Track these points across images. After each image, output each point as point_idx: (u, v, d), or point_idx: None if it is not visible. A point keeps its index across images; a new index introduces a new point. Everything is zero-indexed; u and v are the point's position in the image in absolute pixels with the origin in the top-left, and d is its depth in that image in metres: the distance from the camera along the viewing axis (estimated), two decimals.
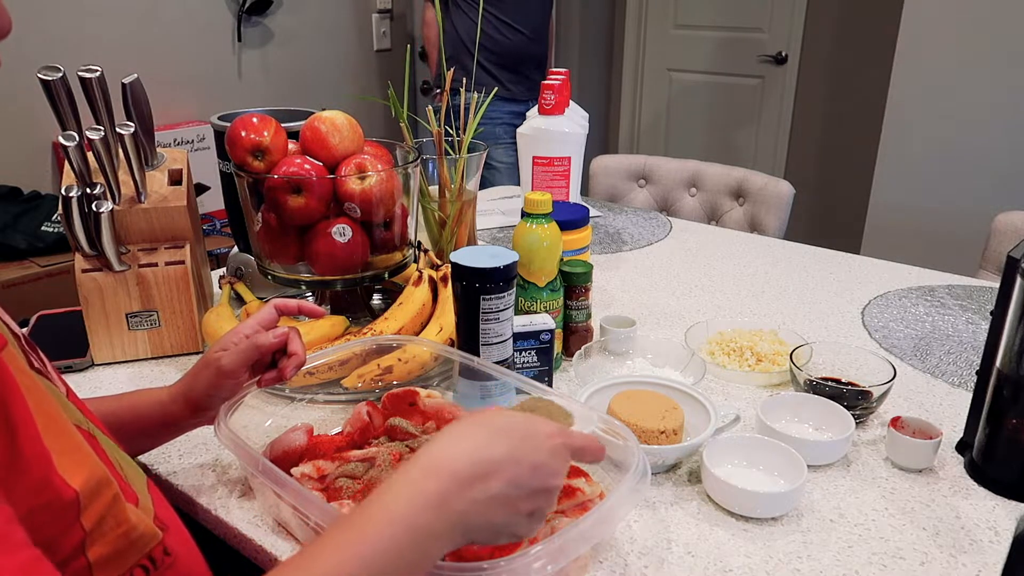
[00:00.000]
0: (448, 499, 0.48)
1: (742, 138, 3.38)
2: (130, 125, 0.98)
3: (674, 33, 3.44)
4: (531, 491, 0.51)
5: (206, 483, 0.81)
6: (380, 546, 0.46)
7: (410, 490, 0.49)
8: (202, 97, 2.67)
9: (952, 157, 2.25)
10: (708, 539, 0.73)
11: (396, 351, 0.94)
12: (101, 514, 0.52)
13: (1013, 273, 0.78)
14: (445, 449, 0.51)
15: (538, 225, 1.01)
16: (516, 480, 0.50)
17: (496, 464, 0.50)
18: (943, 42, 2.19)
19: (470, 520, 0.49)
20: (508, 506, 0.50)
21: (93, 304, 1.02)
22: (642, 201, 2.06)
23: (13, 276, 1.96)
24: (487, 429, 0.52)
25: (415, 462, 0.50)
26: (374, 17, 3.22)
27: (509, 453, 0.51)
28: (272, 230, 1.01)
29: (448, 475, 0.49)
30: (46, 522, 0.47)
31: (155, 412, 0.76)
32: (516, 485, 0.50)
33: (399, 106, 1.15)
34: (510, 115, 2.52)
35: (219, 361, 0.73)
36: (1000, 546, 0.72)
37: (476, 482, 0.49)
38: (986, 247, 1.61)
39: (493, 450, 0.51)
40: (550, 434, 0.53)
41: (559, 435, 0.54)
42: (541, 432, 0.53)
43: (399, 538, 0.47)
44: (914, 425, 0.85)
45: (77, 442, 0.53)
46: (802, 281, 1.37)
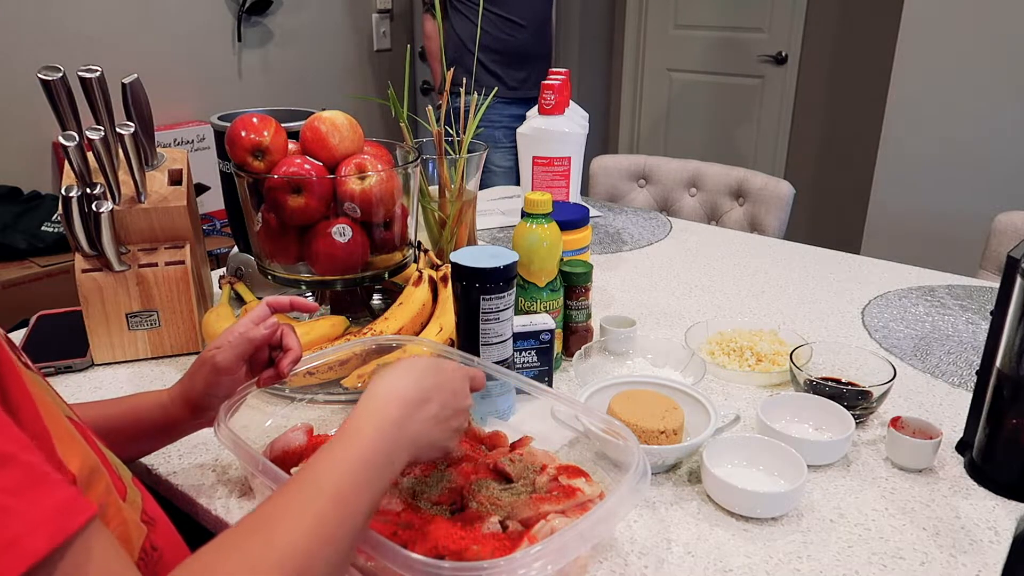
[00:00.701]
0: (404, 420, 0.60)
1: (742, 138, 3.38)
2: (130, 125, 0.98)
3: (674, 33, 3.44)
4: (454, 410, 0.65)
5: (206, 483, 0.81)
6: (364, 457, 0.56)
7: (377, 417, 0.59)
8: (202, 97, 2.67)
9: (952, 157, 2.25)
10: (708, 539, 0.73)
11: (396, 351, 0.94)
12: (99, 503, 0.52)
13: (1013, 273, 0.78)
14: (395, 382, 0.62)
15: (538, 225, 1.01)
16: (445, 402, 0.64)
17: (432, 390, 0.63)
18: (943, 42, 2.19)
19: (419, 438, 0.61)
20: (441, 424, 0.63)
21: (93, 304, 1.02)
22: (642, 201, 2.06)
23: (13, 276, 1.96)
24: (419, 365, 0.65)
25: (372, 394, 0.61)
26: (374, 17, 3.22)
27: (437, 382, 0.64)
28: (272, 230, 1.01)
29: (402, 401, 0.61)
30: None
31: (155, 415, 0.76)
32: (445, 406, 0.64)
33: (399, 106, 1.15)
34: (510, 118, 2.51)
35: (214, 359, 0.73)
36: (1000, 546, 0.72)
37: (422, 405, 0.62)
38: (986, 247, 1.61)
39: (428, 380, 0.64)
40: (455, 367, 0.68)
41: (460, 369, 0.69)
42: (448, 366, 0.68)
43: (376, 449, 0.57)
44: (914, 425, 0.85)
45: (70, 430, 0.53)
46: (802, 281, 1.37)
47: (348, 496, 0.53)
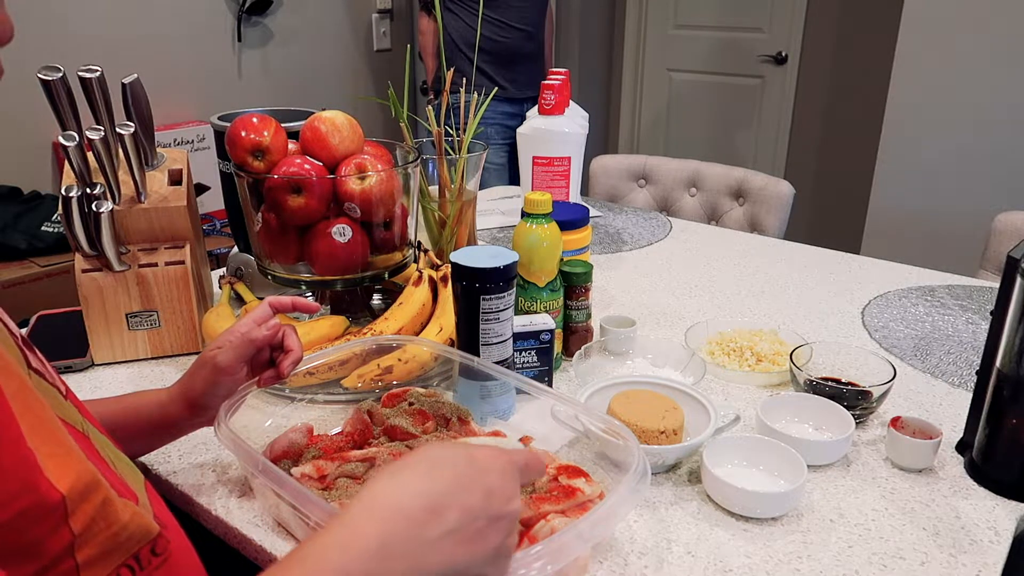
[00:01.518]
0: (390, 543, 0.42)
1: (742, 138, 3.38)
2: (130, 125, 0.98)
3: (674, 33, 3.44)
4: (489, 520, 0.45)
5: (206, 483, 0.81)
6: None
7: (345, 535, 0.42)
8: (202, 97, 2.68)
9: (952, 157, 2.25)
10: (708, 539, 0.73)
11: (396, 351, 0.94)
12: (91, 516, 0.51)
13: (1013, 273, 0.78)
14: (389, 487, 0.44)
15: (538, 225, 1.01)
16: (470, 510, 0.44)
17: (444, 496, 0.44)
18: (943, 42, 2.19)
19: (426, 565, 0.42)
20: (467, 543, 0.44)
21: (93, 304, 1.02)
22: (642, 201, 2.06)
23: (13, 276, 1.96)
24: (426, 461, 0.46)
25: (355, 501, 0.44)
26: (374, 17, 3.22)
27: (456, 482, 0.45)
28: (272, 230, 1.01)
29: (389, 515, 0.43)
30: (30, 525, 0.46)
31: (155, 413, 0.76)
32: (471, 516, 0.44)
33: (399, 106, 1.15)
34: (503, 115, 2.52)
35: (215, 359, 0.73)
36: (1000, 546, 0.72)
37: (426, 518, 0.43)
38: (986, 247, 1.61)
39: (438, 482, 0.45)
40: (493, 455, 0.48)
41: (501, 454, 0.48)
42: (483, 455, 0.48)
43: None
44: (914, 425, 0.85)
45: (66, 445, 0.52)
46: (802, 281, 1.37)
47: None
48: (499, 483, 0.46)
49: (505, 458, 0.48)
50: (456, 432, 0.80)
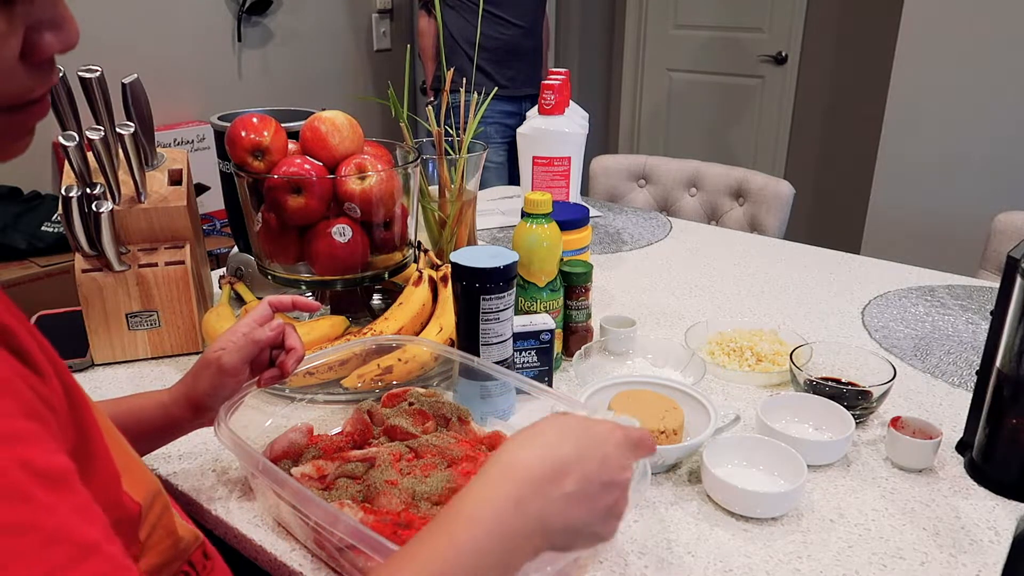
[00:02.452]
0: (524, 500, 0.49)
1: (742, 138, 3.38)
2: (130, 125, 0.98)
3: (674, 33, 3.44)
4: (602, 485, 0.52)
5: (206, 483, 0.81)
6: (465, 548, 0.47)
7: (490, 492, 0.49)
8: (202, 97, 2.67)
9: (952, 157, 2.25)
10: (708, 539, 0.73)
11: (396, 351, 0.94)
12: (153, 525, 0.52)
13: (1013, 273, 0.78)
14: (517, 452, 0.52)
15: (538, 225, 1.01)
16: (587, 476, 0.51)
17: (566, 463, 0.51)
18: (943, 42, 2.19)
19: (549, 521, 0.50)
20: (583, 504, 0.51)
21: (93, 304, 1.02)
22: (642, 201, 2.06)
23: (13, 276, 1.96)
24: (553, 431, 0.53)
25: (492, 465, 0.51)
26: (374, 17, 3.22)
27: (576, 451, 0.52)
28: (272, 230, 1.01)
29: (522, 477, 0.50)
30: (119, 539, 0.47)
31: (156, 415, 0.75)
32: (588, 481, 0.51)
33: (399, 106, 1.15)
34: (502, 114, 2.52)
35: (219, 360, 0.73)
36: (1000, 546, 0.72)
37: (550, 482, 0.50)
38: (986, 247, 1.61)
39: (562, 449, 0.51)
40: (610, 429, 0.55)
41: (618, 429, 0.55)
42: (601, 428, 0.54)
43: (481, 540, 0.47)
44: (914, 425, 0.85)
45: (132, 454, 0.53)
46: (802, 281, 1.37)
47: None
48: (614, 453, 0.53)
49: (621, 432, 0.54)
50: (456, 432, 0.80)
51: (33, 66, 0.40)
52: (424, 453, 0.75)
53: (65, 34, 0.41)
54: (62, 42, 0.41)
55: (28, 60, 0.40)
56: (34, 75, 0.41)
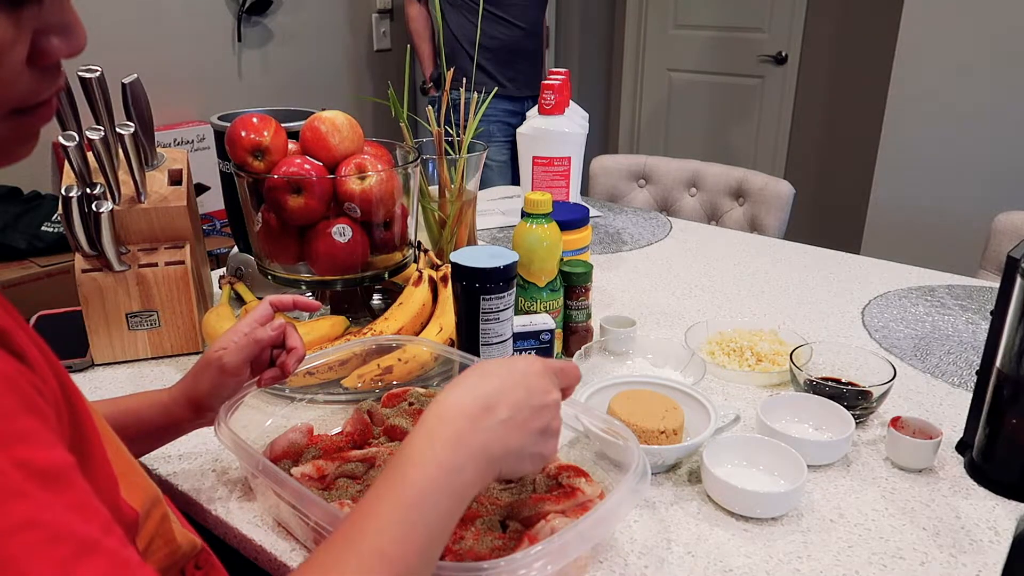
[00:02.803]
0: (462, 435, 0.52)
1: (742, 138, 3.38)
2: (130, 125, 0.98)
3: (674, 33, 3.44)
4: (533, 409, 0.56)
5: (206, 483, 0.81)
6: (416, 488, 0.50)
7: (429, 437, 0.52)
8: (202, 97, 2.67)
9: (952, 157, 2.25)
10: (708, 539, 0.73)
11: (396, 351, 0.94)
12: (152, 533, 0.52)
13: (1013, 273, 0.78)
14: (448, 397, 0.55)
15: (538, 225, 1.01)
16: (516, 403, 0.55)
17: (495, 395, 0.55)
18: (943, 42, 2.19)
19: (490, 449, 0.53)
20: (518, 428, 0.55)
21: (93, 304, 1.02)
22: (642, 201, 2.06)
23: (13, 276, 1.96)
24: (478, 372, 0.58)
25: (428, 414, 0.54)
26: (374, 17, 3.22)
27: (502, 383, 0.56)
28: (272, 230, 1.01)
29: (456, 415, 0.53)
30: None
31: (156, 415, 0.75)
32: (518, 407, 0.55)
33: (399, 106, 1.15)
34: (504, 113, 2.52)
35: (221, 360, 0.73)
36: (1000, 546, 0.72)
37: (483, 414, 0.54)
38: (986, 247, 1.61)
39: (488, 386, 0.56)
40: (530, 362, 0.59)
41: (538, 361, 0.60)
42: (521, 363, 0.59)
43: (431, 479, 0.50)
44: (914, 425, 0.85)
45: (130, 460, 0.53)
46: (802, 281, 1.37)
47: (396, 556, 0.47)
48: (536, 381, 0.58)
49: (541, 362, 0.60)
50: None
51: (40, 70, 0.40)
52: None
53: (73, 39, 0.41)
54: (70, 47, 0.41)
55: (35, 64, 0.40)
56: (40, 79, 0.41)
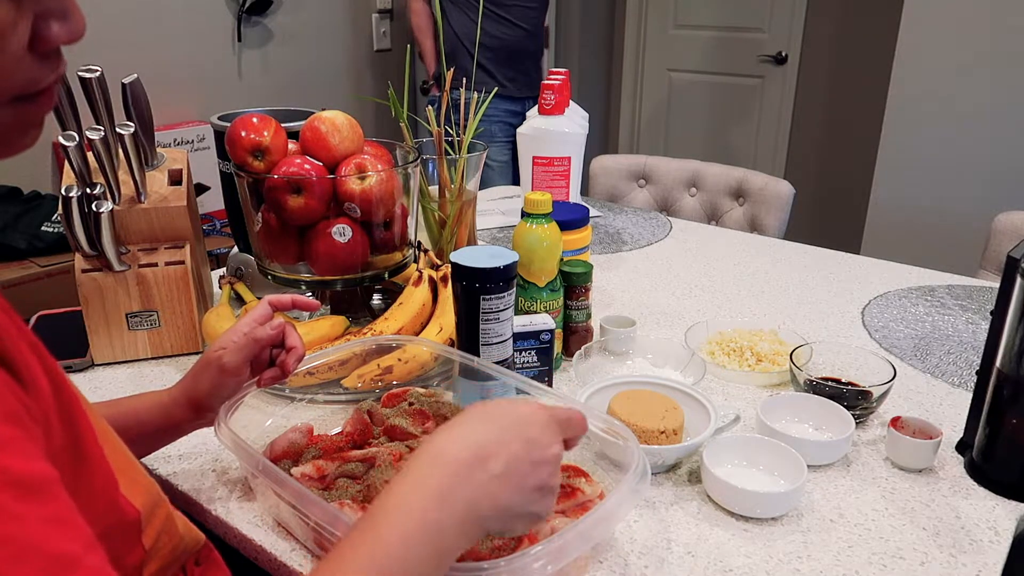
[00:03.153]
0: (452, 489, 0.49)
1: (742, 138, 3.38)
2: (130, 125, 0.98)
3: (674, 33, 3.44)
4: (531, 464, 0.52)
5: (206, 483, 0.81)
6: (395, 545, 0.46)
7: (415, 484, 0.49)
8: (202, 97, 2.67)
9: (952, 157, 2.25)
10: (708, 539, 0.73)
11: (396, 351, 0.94)
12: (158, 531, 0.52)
13: (1013, 273, 0.78)
14: (442, 441, 0.52)
15: (538, 225, 1.01)
16: (513, 456, 0.51)
17: (490, 445, 0.51)
18: (943, 42, 2.19)
19: (478, 505, 0.49)
20: (511, 483, 0.50)
21: (93, 304, 1.02)
22: (642, 201, 2.06)
23: (13, 276, 1.96)
24: (476, 417, 0.53)
25: (418, 456, 0.51)
26: (374, 17, 3.22)
27: (500, 433, 0.52)
28: (272, 230, 1.01)
29: (448, 463, 0.50)
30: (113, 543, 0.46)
31: (156, 415, 0.75)
32: (515, 460, 0.51)
33: (399, 106, 1.15)
34: (506, 113, 2.52)
35: (220, 360, 0.73)
36: (1000, 546, 0.72)
37: (475, 466, 0.50)
38: (986, 247, 1.61)
39: (485, 434, 0.52)
40: (534, 410, 0.54)
41: (543, 410, 0.55)
42: (526, 410, 0.54)
43: (413, 533, 0.47)
44: (914, 425, 0.85)
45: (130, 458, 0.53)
46: (802, 281, 1.37)
47: None
48: (538, 433, 0.52)
49: (546, 412, 0.54)
50: None
51: (40, 56, 0.41)
52: None
53: (72, 23, 0.41)
54: (69, 32, 0.41)
55: (35, 50, 0.40)
56: (41, 65, 0.41)
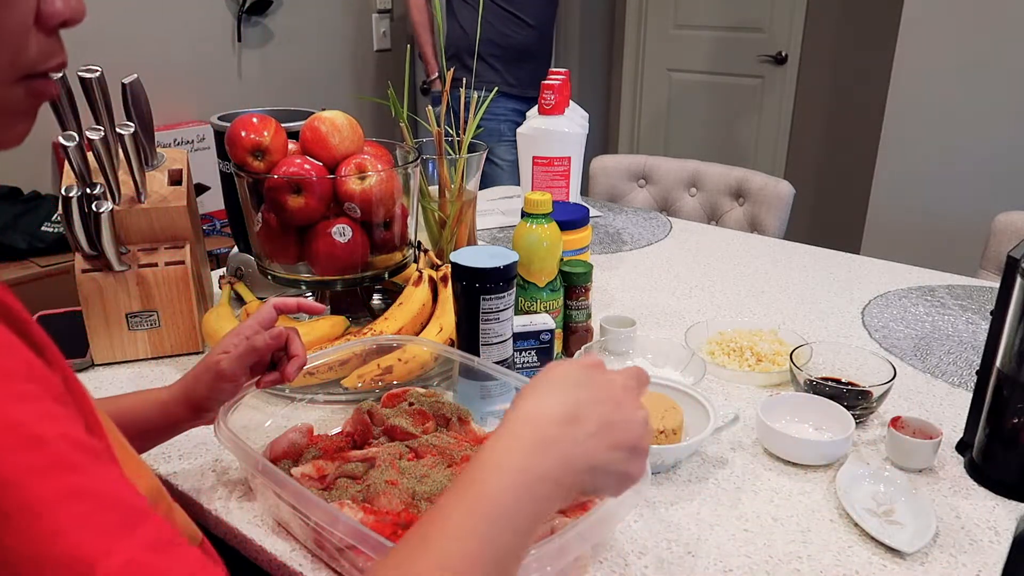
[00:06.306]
0: (548, 441, 0.50)
1: (742, 138, 3.38)
2: (130, 125, 0.98)
3: (674, 33, 3.44)
4: (622, 425, 0.53)
5: (206, 483, 0.81)
6: (496, 498, 0.47)
7: (513, 441, 0.50)
8: (202, 97, 2.67)
9: (952, 157, 2.25)
10: (708, 539, 0.73)
11: (396, 351, 0.94)
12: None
13: (1013, 273, 0.78)
14: (534, 402, 0.52)
15: (538, 225, 1.01)
16: (605, 417, 0.52)
17: (583, 407, 0.52)
18: (943, 42, 2.19)
19: (574, 460, 0.50)
20: (605, 442, 0.52)
21: (93, 304, 1.02)
22: (642, 201, 2.06)
23: (13, 276, 1.96)
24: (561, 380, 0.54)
25: (512, 416, 0.52)
26: (374, 17, 3.22)
27: (591, 395, 0.53)
28: (272, 230, 1.01)
29: (544, 422, 0.51)
30: None
31: (155, 414, 0.76)
32: (606, 421, 0.52)
33: (399, 106, 1.15)
34: (514, 112, 2.51)
35: (219, 365, 0.73)
36: (1000, 546, 0.72)
37: (570, 424, 0.51)
38: (986, 247, 1.61)
39: (577, 395, 0.53)
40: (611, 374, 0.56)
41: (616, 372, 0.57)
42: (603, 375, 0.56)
43: (511, 486, 0.47)
44: (914, 425, 0.85)
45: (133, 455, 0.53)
46: (802, 281, 1.37)
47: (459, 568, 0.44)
48: (623, 394, 0.55)
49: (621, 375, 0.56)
50: (456, 433, 0.80)
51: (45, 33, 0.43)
52: (424, 453, 0.75)
53: (75, 2, 0.44)
54: (71, 9, 0.44)
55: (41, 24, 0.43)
56: (46, 42, 0.44)
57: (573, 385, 0.54)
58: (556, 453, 0.49)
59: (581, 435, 0.51)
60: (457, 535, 0.45)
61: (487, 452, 0.50)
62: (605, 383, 0.55)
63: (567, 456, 0.50)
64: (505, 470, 0.48)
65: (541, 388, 0.54)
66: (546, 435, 0.50)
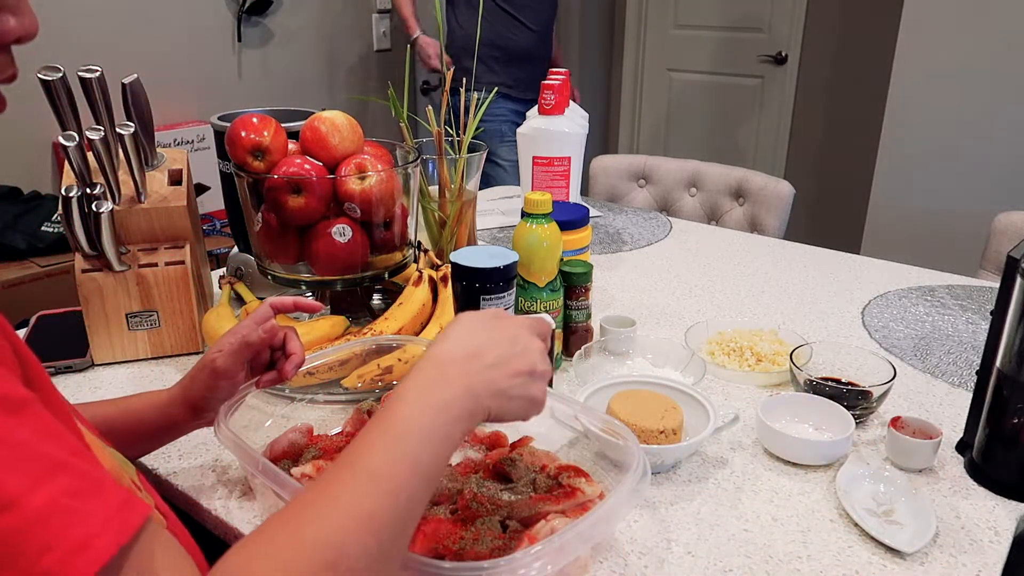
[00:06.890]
0: (447, 374, 0.56)
1: (742, 138, 3.38)
2: (130, 125, 0.98)
3: (674, 33, 3.44)
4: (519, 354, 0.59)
5: (206, 483, 0.81)
6: (403, 421, 0.53)
7: (417, 378, 0.56)
8: (202, 97, 2.67)
9: (952, 157, 2.25)
10: (708, 539, 0.73)
11: (396, 351, 0.94)
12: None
13: (1013, 273, 0.78)
14: (439, 346, 0.59)
15: (538, 225, 1.01)
16: (503, 350, 0.59)
17: (482, 344, 0.59)
18: (943, 42, 2.19)
19: (475, 388, 0.56)
20: (504, 371, 0.58)
21: (93, 304, 1.02)
22: (642, 201, 2.06)
23: (13, 276, 1.96)
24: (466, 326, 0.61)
25: (417, 363, 0.58)
26: (374, 17, 3.21)
27: (490, 336, 0.60)
28: (272, 230, 1.01)
29: (444, 359, 0.57)
30: None
31: (155, 415, 0.76)
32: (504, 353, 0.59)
33: (399, 106, 1.15)
34: (515, 113, 2.52)
35: (214, 362, 0.73)
36: (1000, 546, 0.72)
37: (470, 359, 0.57)
38: (986, 247, 1.61)
39: (477, 336, 0.59)
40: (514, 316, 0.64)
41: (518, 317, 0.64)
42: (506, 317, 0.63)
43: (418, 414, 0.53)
44: (914, 425, 0.85)
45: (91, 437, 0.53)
46: (802, 281, 1.37)
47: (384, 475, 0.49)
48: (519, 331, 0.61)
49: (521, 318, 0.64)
50: None
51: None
52: None
53: (28, 19, 0.45)
54: (24, 27, 0.44)
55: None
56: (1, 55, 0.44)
57: (475, 329, 0.60)
58: (458, 383, 0.55)
59: (480, 367, 0.57)
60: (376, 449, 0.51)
61: (397, 391, 0.55)
62: (503, 325, 0.61)
63: (468, 385, 0.56)
64: (411, 402, 0.54)
65: (446, 333, 0.60)
66: (447, 370, 0.56)
